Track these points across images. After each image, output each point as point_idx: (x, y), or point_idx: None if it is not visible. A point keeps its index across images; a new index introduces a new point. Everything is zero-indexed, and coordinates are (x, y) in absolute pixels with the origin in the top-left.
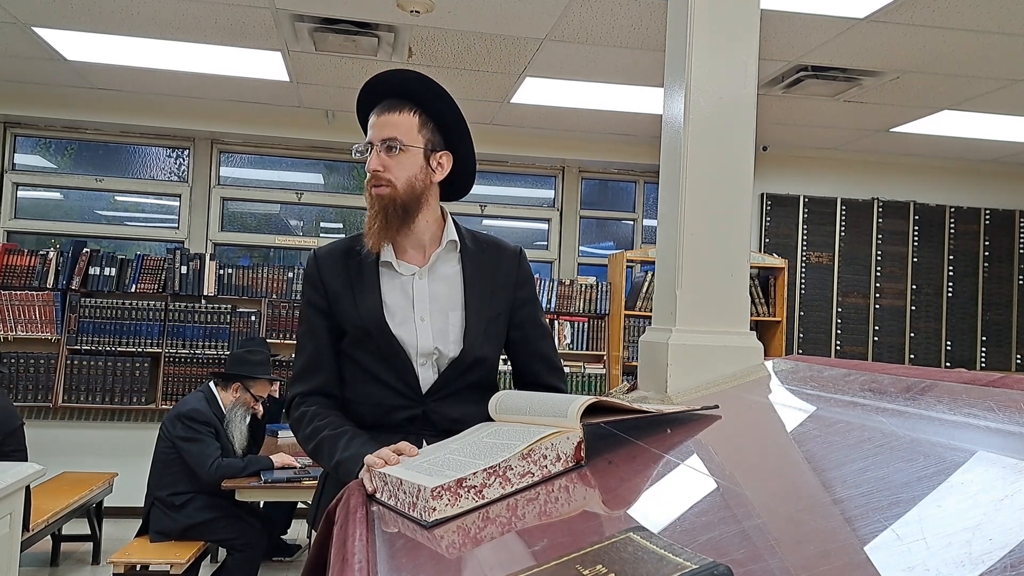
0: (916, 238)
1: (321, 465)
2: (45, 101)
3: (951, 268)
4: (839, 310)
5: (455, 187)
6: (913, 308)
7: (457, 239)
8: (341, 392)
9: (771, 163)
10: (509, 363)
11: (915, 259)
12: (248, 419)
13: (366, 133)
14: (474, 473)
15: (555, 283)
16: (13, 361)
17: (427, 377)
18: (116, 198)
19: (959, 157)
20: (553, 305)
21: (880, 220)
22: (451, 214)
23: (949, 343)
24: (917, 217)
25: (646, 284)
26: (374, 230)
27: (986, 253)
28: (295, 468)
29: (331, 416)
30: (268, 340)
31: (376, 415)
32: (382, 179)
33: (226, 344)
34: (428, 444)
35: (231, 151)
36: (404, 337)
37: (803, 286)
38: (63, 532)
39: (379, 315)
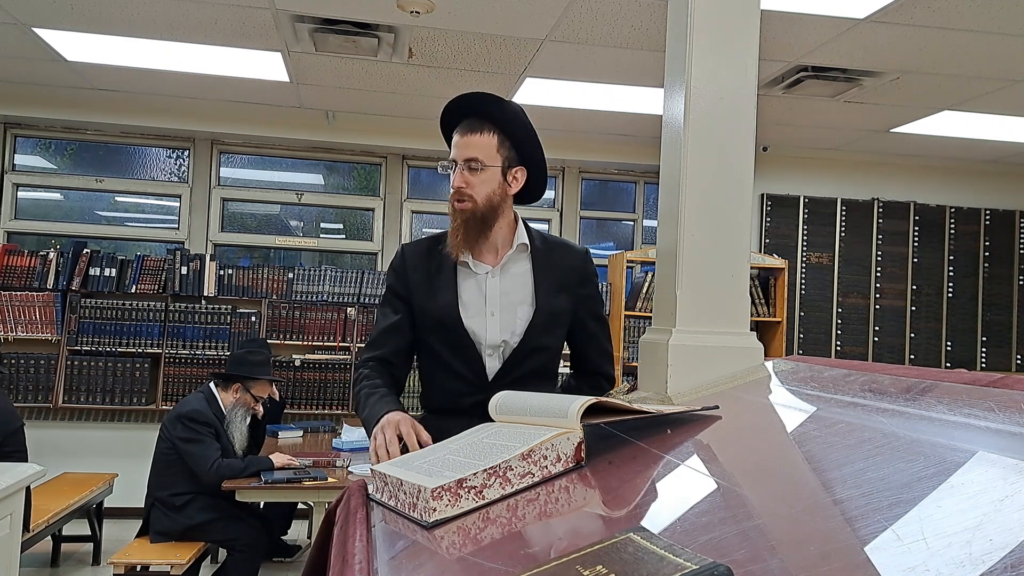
0: (916, 238)
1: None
2: (45, 101)
3: (951, 268)
4: (839, 310)
5: (527, 193)
6: (913, 308)
7: (527, 242)
8: (401, 364)
9: (771, 163)
10: (569, 349)
11: (915, 259)
12: (248, 420)
13: (449, 145)
14: (474, 474)
15: None
16: (13, 362)
17: (493, 366)
18: (116, 199)
19: (959, 157)
20: None
21: (880, 220)
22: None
23: (949, 343)
24: (917, 217)
25: (646, 284)
26: (458, 241)
27: (986, 253)
28: (295, 469)
29: (377, 379)
30: (268, 341)
31: (447, 400)
32: (464, 195)
33: (226, 345)
34: None
35: (231, 152)
36: (475, 330)
37: (803, 286)
38: (63, 533)
39: (454, 309)
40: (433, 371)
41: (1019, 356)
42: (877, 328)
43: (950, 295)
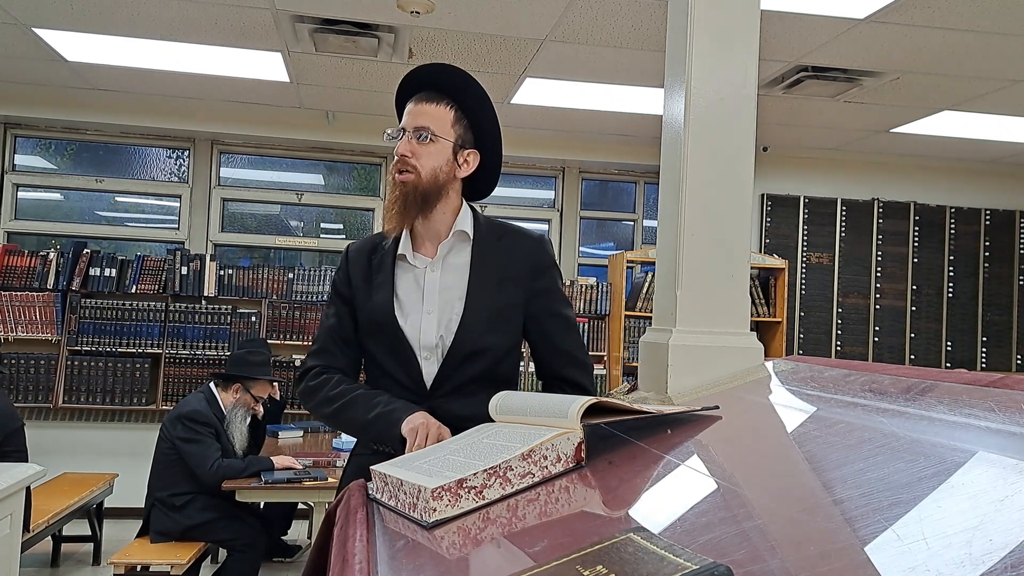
0: (916, 238)
1: (341, 425)
2: (45, 102)
3: (951, 268)
4: (839, 310)
5: (478, 187)
6: (913, 308)
7: (469, 230)
8: (356, 377)
9: (771, 163)
10: (532, 358)
11: (915, 259)
12: (248, 420)
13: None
14: (474, 474)
15: None
16: (13, 362)
17: (430, 371)
18: (116, 199)
19: (959, 157)
20: None
21: (880, 220)
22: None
23: (949, 343)
24: (917, 217)
25: (646, 285)
26: (392, 214)
27: (986, 253)
28: (295, 469)
29: (362, 386)
30: (268, 341)
31: None
32: (408, 164)
33: (226, 345)
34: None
35: (231, 152)
36: (409, 330)
37: (803, 286)
38: (63, 533)
39: (389, 308)
40: (373, 380)
41: (1019, 356)
42: (877, 328)
43: (950, 295)
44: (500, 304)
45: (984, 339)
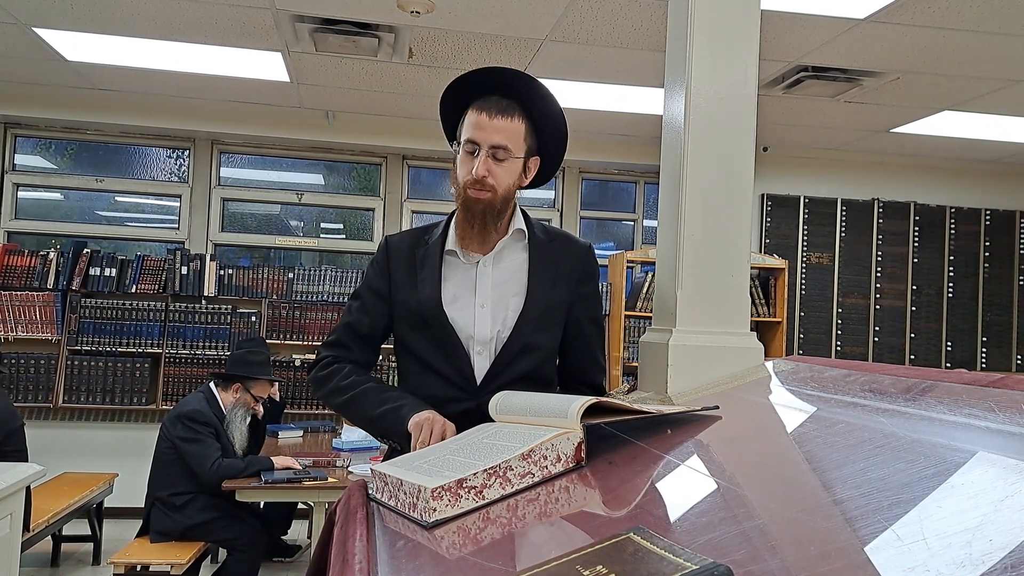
0: (916, 239)
1: (351, 416)
2: (45, 101)
3: (951, 269)
4: (839, 311)
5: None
6: (913, 309)
7: (525, 228)
8: (368, 371)
9: (771, 163)
10: (559, 358)
11: (915, 260)
12: (248, 420)
13: (450, 120)
14: (474, 474)
15: None
16: (13, 361)
17: (482, 366)
18: (116, 199)
19: (959, 157)
20: None
21: (880, 221)
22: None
23: (949, 344)
24: (917, 218)
25: (646, 285)
26: (474, 232)
27: (986, 254)
28: (295, 469)
29: (373, 379)
30: (268, 341)
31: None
32: (487, 185)
33: (226, 345)
34: None
35: (231, 151)
36: (462, 324)
37: (803, 286)
38: (63, 533)
39: (436, 301)
40: (414, 376)
41: (1019, 356)
42: (877, 328)
43: (950, 295)
44: (553, 303)
45: (984, 339)
